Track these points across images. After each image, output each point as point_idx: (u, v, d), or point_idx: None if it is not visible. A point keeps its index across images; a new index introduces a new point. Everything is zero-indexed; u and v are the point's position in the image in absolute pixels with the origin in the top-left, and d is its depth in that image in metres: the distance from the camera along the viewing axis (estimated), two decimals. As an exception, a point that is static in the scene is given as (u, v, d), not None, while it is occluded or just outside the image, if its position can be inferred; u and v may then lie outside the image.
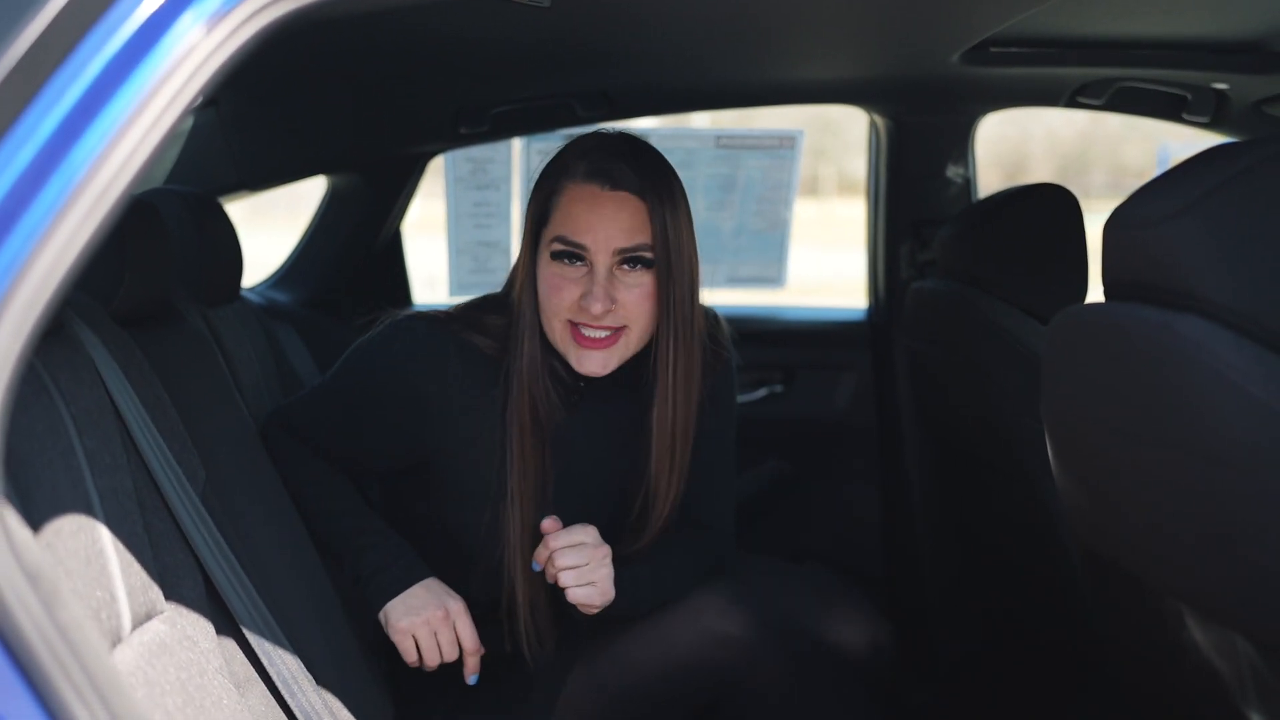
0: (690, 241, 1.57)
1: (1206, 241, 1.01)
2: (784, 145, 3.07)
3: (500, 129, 2.48)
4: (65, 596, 0.77)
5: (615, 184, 1.52)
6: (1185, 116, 2.46)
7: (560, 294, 1.52)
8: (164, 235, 1.47)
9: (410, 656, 1.55)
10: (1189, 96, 2.39)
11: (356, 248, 2.80)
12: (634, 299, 1.52)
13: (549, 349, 1.58)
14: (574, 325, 1.53)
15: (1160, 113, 2.49)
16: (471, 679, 1.58)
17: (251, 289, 2.75)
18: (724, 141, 3.07)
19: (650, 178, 1.54)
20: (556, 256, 1.53)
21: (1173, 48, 2.12)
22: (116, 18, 0.79)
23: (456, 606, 1.56)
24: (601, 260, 1.51)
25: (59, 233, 0.75)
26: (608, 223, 1.51)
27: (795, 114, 3.81)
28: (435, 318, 1.62)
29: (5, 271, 0.74)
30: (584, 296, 1.51)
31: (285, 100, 2.11)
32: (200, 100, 0.79)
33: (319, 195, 2.84)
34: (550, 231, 1.54)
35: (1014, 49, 2.11)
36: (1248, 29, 2.02)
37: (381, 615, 1.56)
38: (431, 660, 1.55)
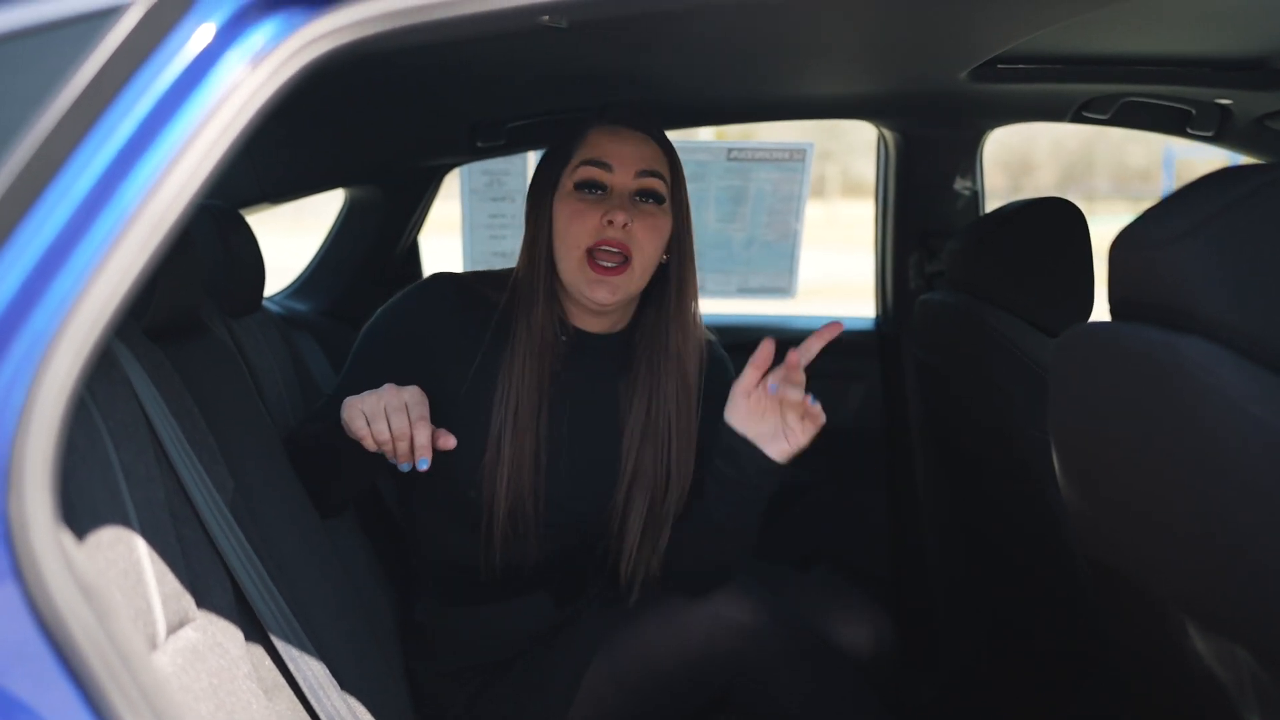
0: (689, 210, 1.74)
1: (1211, 264, 1.02)
2: (794, 158, 3.11)
3: (516, 143, 2.50)
4: (116, 609, 0.80)
5: (635, 125, 1.69)
6: (1190, 131, 2.48)
7: (582, 219, 1.64)
8: (193, 251, 1.51)
9: (358, 425, 1.48)
10: (1193, 111, 2.41)
11: (374, 258, 2.83)
12: (645, 227, 1.64)
13: (554, 298, 1.70)
14: (590, 255, 1.64)
15: (1165, 127, 2.51)
16: (422, 463, 1.48)
17: (271, 299, 2.78)
18: (735, 154, 3.10)
19: (663, 133, 1.72)
20: (580, 186, 1.65)
21: (1177, 65, 2.14)
22: (164, 57, 0.82)
23: (410, 388, 1.51)
24: (621, 182, 1.65)
25: (112, 265, 0.78)
26: (631, 149, 1.66)
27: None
28: (445, 272, 1.77)
29: (61, 304, 0.77)
30: (606, 213, 1.62)
31: (305, 116, 2.13)
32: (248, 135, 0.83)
33: (322, 201, 2.87)
34: (574, 162, 1.67)
35: (1021, 66, 2.13)
36: (1251, 47, 2.04)
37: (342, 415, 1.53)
38: (379, 427, 1.47)
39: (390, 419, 1.46)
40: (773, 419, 1.57)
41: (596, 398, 1.73)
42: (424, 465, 1.48)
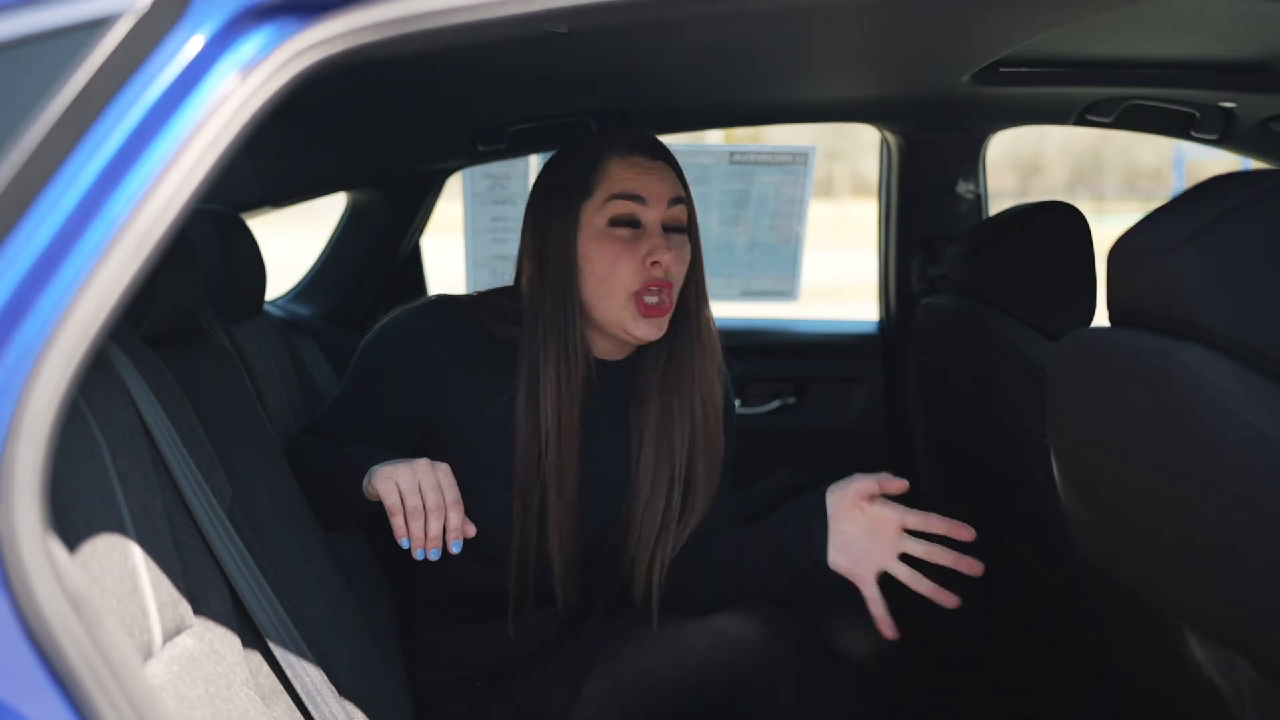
0: (699, 230, 1.72)
1: (1209, 271, 1.02)
2: (797, 161, 3.10)
3: (518, 146, 2.50)
4: (106, 619, 0.80)
5: (655, 155, 1.65)
6: (1194, 134, 2.47)
7: (627, 261, 1.59)
8: (192, 257, 1.50)
9: (391, 499, 1.44)
10: (1197, 114, 2.41)
11: (377, 262, 2.83)
12: (677, 260, 1.63)
13: (583, 336, 1.64)
14: (638, 297, 1.60)
15: (1169, 130, 2.51)
16: (455, 546, 1.44)
17: (273, 302, 2.78)
18: (738, 158, 3.10)
19: (674, 157, 1.68)
20: (615, 223, 1.60)
21: (1180, 68, 2.14)
22: (154, 67, 0.82)
23: (443, 465, 1.48)
24: (654, 216, 1.61)
25: (103, 275, 0.78)
26: (658, 179, 1.62)
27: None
28: (448, 295, 1.72)
29: (51, 314, 0.77)
30: (649, 254, 1.59)
31: (306, 120, 2.13)
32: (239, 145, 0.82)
33: (332, 202, 2.87)
34: (600, 197, 1.60)
35: (1023, 69, 2.13)
36: (1254, 51, 2.03)
37: (365, 479, 1.49)
38: (413, 503, 1.43)
39: (425, 496, 1.43)
40: (865, 531, 1.57)
41: (613, 425, 1.71)
42: (456, 548, 1.45)
